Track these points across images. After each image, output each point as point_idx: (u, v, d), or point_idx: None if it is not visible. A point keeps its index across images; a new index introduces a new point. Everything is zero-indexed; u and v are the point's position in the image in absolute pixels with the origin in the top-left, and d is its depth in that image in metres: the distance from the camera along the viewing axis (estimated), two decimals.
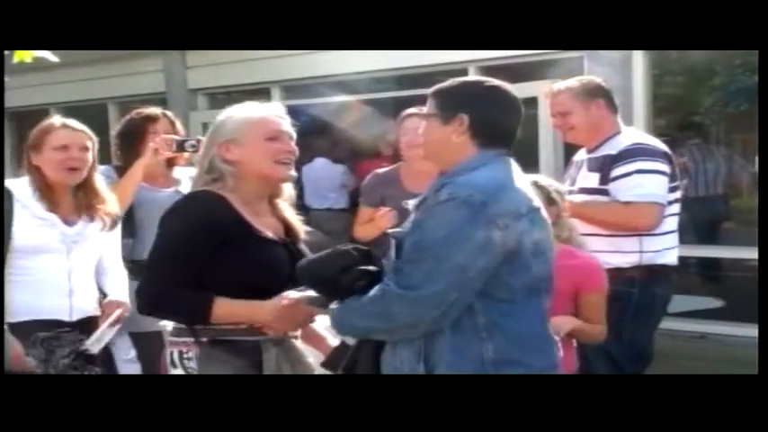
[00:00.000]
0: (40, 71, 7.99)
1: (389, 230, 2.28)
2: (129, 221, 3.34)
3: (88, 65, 8.28)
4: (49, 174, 2.90)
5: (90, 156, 2.97)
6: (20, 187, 2.92)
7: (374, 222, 3.50)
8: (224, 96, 8.46)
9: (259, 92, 7.64)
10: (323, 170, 7.73)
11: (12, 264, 2.83)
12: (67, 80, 8.98)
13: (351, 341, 2.19)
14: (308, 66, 6.87)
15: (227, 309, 2.22)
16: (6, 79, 5.20)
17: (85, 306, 2.99)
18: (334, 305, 2.13)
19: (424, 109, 2.21)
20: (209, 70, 8.10)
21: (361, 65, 6.73)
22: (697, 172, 6.30)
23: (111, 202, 3.07)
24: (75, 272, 2.95)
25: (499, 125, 2.12)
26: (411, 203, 2.26)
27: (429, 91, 2.20)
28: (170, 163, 3.49)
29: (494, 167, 2.06)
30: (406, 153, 3.66)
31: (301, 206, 8.57)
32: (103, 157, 3.27)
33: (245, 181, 2.31)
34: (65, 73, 8.47)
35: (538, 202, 2.09)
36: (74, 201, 2.97)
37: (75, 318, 2.93)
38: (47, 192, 2.91)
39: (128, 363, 3.36)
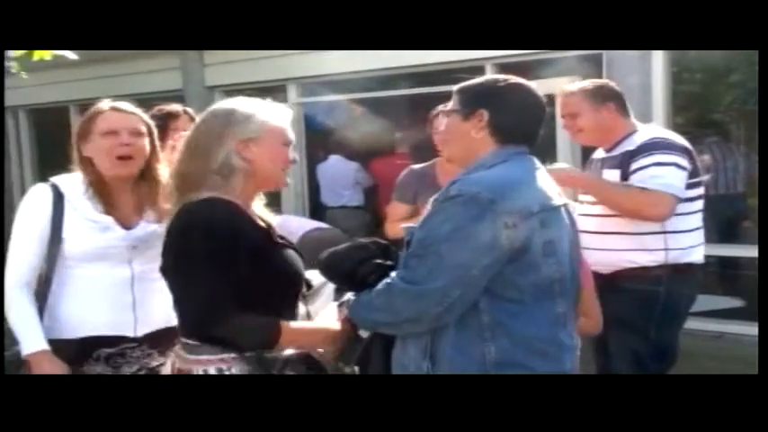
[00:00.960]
0: (58, 69, 8.06)
1: (403, 225, 2.28)
2: None
3: (106, 62, 8.33)
4: (99, 165, 2.56)
5: (146, 143, 2.62)
6: (70, 184, 2.61)
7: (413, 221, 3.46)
8: (240, 94, 8.47)
9: (275, 89, 7.65)
10: (337, 168, 7.73)
11: (64, 273, 2.53)
12: (86, 77, 9.03)
13: (365, 335, 2.20)
14: (324, 63, 6.88)
15: (291, 336, 2.13)
16: (25, 77, 5.26)
17: (152, 319, 2.59)
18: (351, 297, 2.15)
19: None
20: (226, 68, 8.13)
21: (376, 62, 6.74)
22: (716, 170, 6.25)
23: None
24: (138, 281, 2.58)
25: (519, 123, 2.10)
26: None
27: (454, 88, 2.20)
28: None
29: (509, 165, 2.04)
30: (441, 149, 3.62)
31: (317, 204, 8.61)
32: None
33: (250, 182, 2.19)
34: (83, 70, 8.53)
35: (557, 201, 2.06)
36: (134, 199, 2.62)
37: (140, 332, 2.58)
38: (101, 189, 2.57)
39: None
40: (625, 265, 3.17)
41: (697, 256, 3.26)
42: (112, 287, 2.55)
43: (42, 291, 2.55)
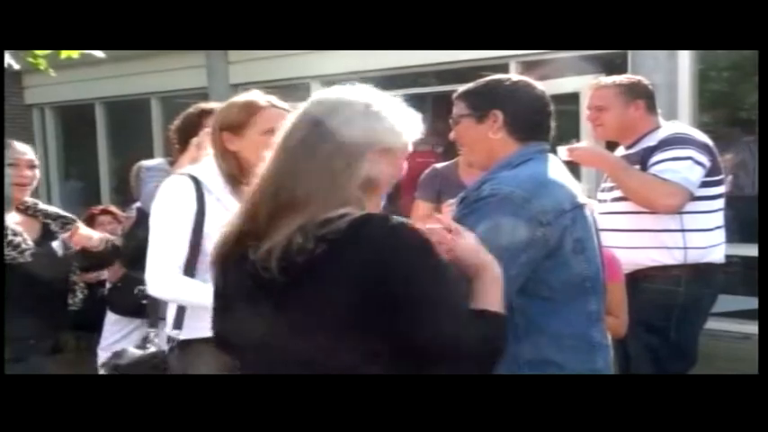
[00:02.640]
0: (84, 66, 8.13)
1: (428, 225, 2.27)
2: None
3: (132, 60, 8.38)
4: (251, 161, 2.36)
5: None
6: (207, 175, 2.49)
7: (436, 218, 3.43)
8: (265, 91, 8.51)
9: (299, 86, 7.67)
10: None
11: (203, 268, 2.37)
12: (111, 75, 9.11)
13: None
14: (348, 60, 6.88)
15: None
16: (52, 74, 5.31)
17: None
18: None
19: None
20: (251, 65, 8.16)
21: (400, 60, 6.74)
22: (744, 169, 6.19)
23: None
24: None
25: (534, 119, 2.10)
26: (451, 201, 2.24)
27: (455, 95, 2.19)
28: None
29: (536, 163, 2.04)
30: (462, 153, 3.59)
31: None
32: (145, 152, 3.31)
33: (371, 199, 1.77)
34: (109, 68, 8.60)
35: (583, 198, 2.06)
36: None
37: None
38: (245, 183, 2.33)
39: None
40: (644, 263, 3.15)
41: (717, 255, 3.23)
42: None
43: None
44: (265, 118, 2.45)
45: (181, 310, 2.49)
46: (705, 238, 3.18)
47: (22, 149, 3.17)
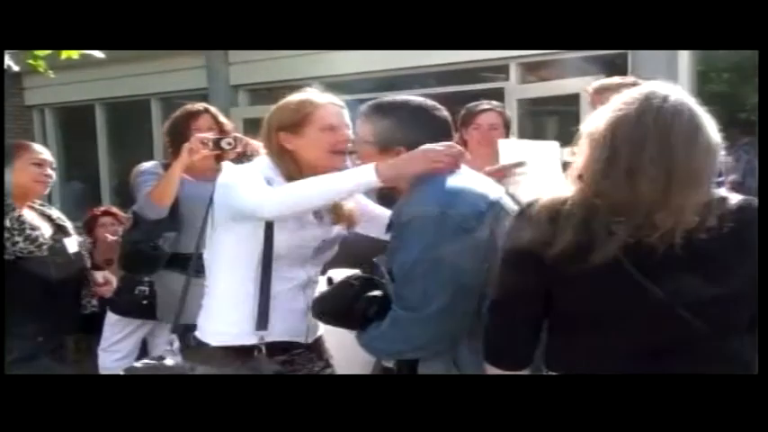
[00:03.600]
0: (84, 68, 8.13)
1: (375, 259, 2.30)
2: (173, 215, 3.36)
3: (132, 61, 8.38)
4: (309, 159, 2.39)
5: None
6: (268, 173, 2.42)
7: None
8: (265, 92, 8.52)
9: (300, 88, 7.66)
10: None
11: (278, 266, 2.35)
12: (111, 76, 9.11)
13: (390, 364, 2.22)
14: (349, 61, 6.89)
15: None
16: (52, 75, 5.31)
17: (317, 325, 2.45)
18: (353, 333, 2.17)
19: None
20: (251, 66, 8.16)
21: (402, 61, 6.74)
22: (744, 171, 6.19)
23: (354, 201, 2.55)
24: (309, 286, 2.45)
25: (435, 142, 2.15)
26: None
27: (361, 110, 2.25)
28: (219, 158, 3.32)
29: (441, 177, 2.10)
30: (474, 149, 3.52)
31: None
32: (145, 153, 3.32)
33: None
34: (109, 69, 8.60)
35: (496, 194, 2.12)
36: None
37: (310, 339, 2.48)
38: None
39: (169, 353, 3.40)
40: None
41: None
42: (289, 291, 2.41)
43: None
44: (323, 115, 2.42)
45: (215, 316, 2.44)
46: None
47: (42, 149, 3.33)
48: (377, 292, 2.11)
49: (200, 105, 3.69)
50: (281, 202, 2.24)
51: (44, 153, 3.29)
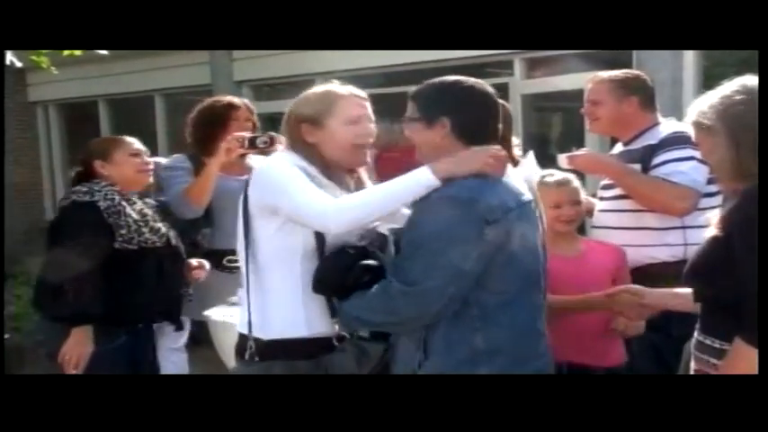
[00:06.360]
0: (88, 64, 8.14)
1: (388, 227, 2.32)
2: (207, 211, 3.40)
3: (135, 57, 8.39)
4: (333, 154, 2.34)
5: None
6: (302, 164, 2.34)
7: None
8: (268, 88, 8.51)
9: (303, 83, 7.66)
10: None
11: (269, 268, 2.33)
12: (115, 72, 9.11)
13: (365, 333, 2.27)
14: (352, 58, 6.88)
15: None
16: (55, 72, 5.31)
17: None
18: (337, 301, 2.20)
19: None
20: (255, 62, 8.15)
21: (405, 57, 6.72)
22: None
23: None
24: None
25: (480, 124, 2.19)
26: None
27: (409, 94, 2.25)
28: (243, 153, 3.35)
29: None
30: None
31: None
32: (149, 148, 3.31)
33: None
34: (112, 65, 8.61)
35: (528, 196, 2.16)
36: (342, 191, 2.36)
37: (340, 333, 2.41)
38: (328, 175, 2.34)
39: (174, 351, 3.41)
40: (644, 261, 3.14)
41: None
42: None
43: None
44: (346, 107, 2.35)
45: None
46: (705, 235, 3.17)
47: (134, 140, 3.26)
48: (371, 261, 2.16)
49: (237, 99, 3.72)
50: (347, 217, 2.18)
51: (136, 143, 3.25)
